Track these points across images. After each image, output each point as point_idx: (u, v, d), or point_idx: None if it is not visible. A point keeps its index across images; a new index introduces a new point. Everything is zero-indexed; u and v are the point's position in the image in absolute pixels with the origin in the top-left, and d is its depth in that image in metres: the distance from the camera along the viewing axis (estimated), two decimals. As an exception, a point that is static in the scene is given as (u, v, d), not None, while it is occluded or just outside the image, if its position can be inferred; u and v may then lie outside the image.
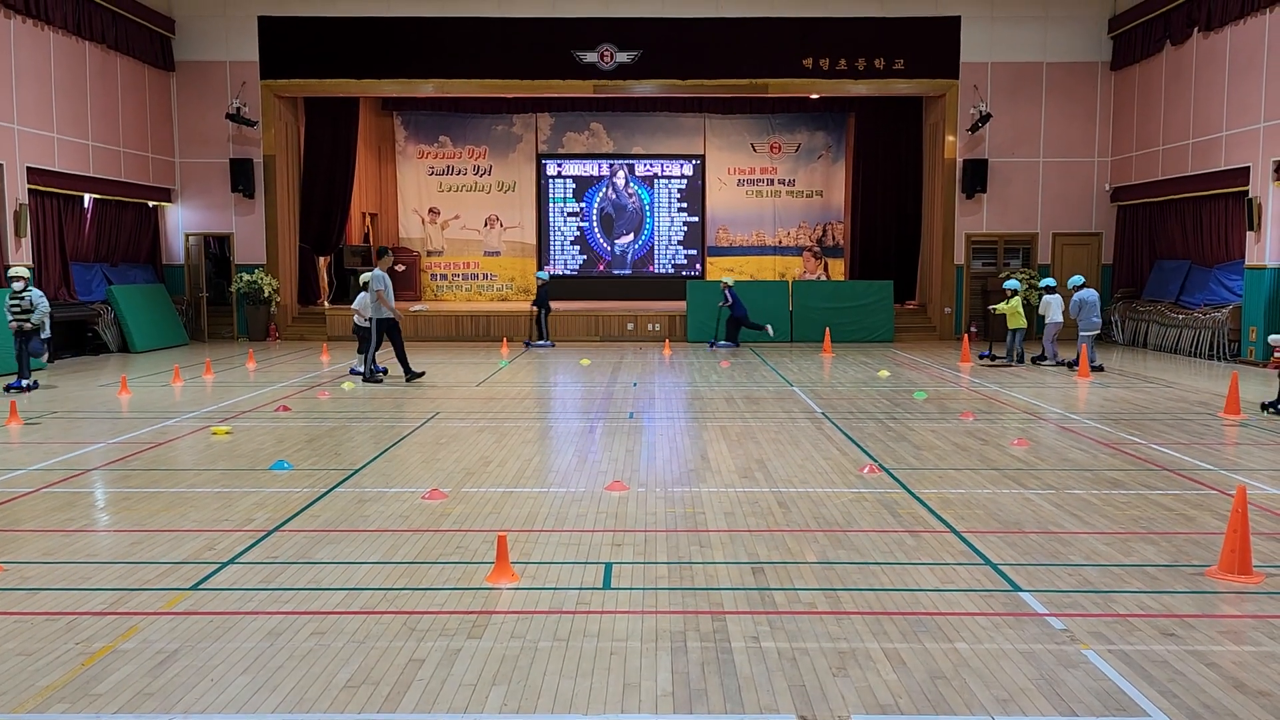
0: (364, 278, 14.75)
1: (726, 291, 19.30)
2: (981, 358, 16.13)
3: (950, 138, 20.74)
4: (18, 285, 12.77)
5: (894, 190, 23.30)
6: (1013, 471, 8.21)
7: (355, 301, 14.51)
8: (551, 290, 20.30)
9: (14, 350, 13.09)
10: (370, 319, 13.61)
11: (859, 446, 9.29)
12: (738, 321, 19.33)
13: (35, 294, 12.88)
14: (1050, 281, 16.05)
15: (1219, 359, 16.48)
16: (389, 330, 13.67)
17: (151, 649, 4.54)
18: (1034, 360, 15.96)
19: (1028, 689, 4.12)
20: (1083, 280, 15.79)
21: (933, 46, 20.35)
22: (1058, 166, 20.83)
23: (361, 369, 14.37)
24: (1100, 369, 15.10)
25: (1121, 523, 6.66)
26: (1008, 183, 20.81)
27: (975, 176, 20.60)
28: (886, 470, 8.24)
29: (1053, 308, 15.76)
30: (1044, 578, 5.52)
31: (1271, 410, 11.02)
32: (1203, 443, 9.50)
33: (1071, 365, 15.26)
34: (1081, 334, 15.37)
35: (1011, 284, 16.28)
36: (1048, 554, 5.96)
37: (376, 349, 13.86)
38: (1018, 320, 15.91)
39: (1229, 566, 5.51)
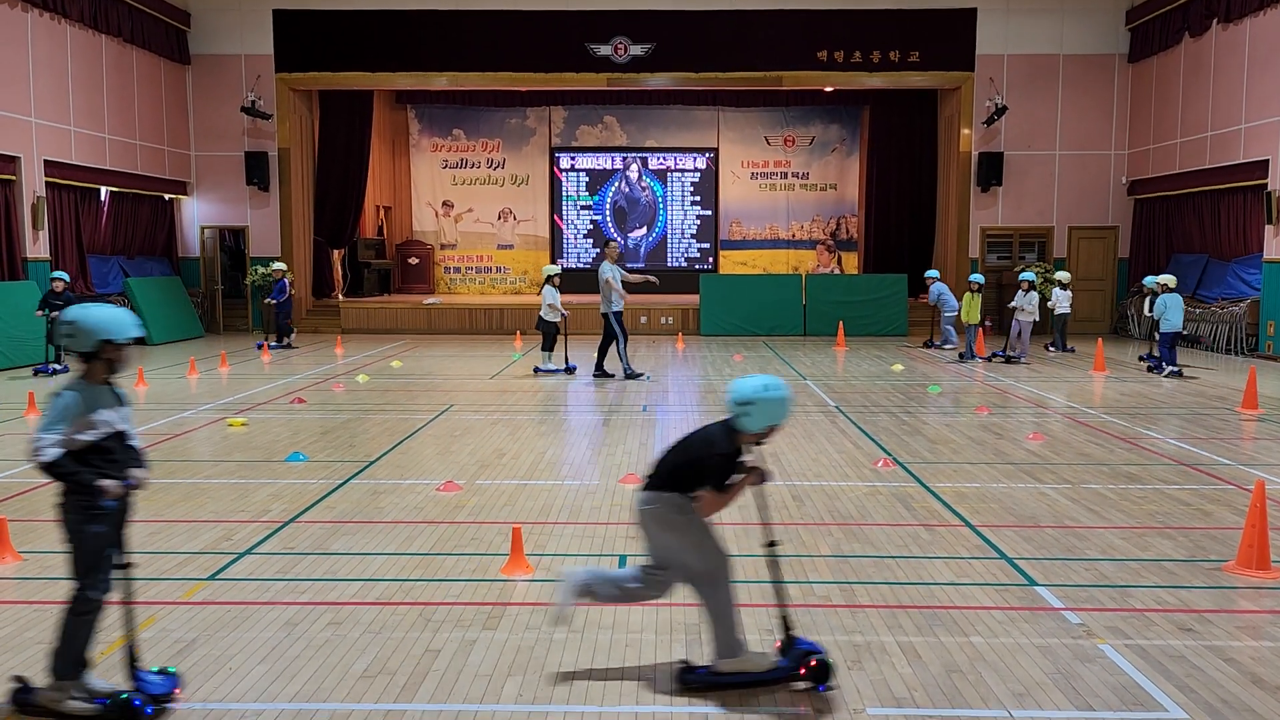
0: (546, 270, 14.47)
1: (284, 280, 17.52)
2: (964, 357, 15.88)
3: (965, 131, 20.64)
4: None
5: (908, 183, 23.19)
6: (1028, 466, 8.18)
7: (544, 296, 14.19)
8: (566, 283, 19.96)
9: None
10: (605, 313, 13.40)
11: (873, 440, 9.27)
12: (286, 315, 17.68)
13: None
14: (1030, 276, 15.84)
15: (1236, 353, 16.36)
16: (619, 322, 13.43)
17: (170, 638, 4.58)
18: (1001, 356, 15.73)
19: (1044, 683, 4.11)
20: (937, 274, 17.29)
21: (948, 39, 20.24)
22: (1074, 159, 20.71)
23: (545, 367, 14.25)
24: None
25: (1138, 517, 6.63)
26: (1023, 176, 20.70)
27: (990, 170, 20.49)
28: (901, 464, 8.22)
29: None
30: (1060, 572, 5.50)
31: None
32: (1220, 437, 9.44)
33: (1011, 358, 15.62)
34: (946, 315, 17.05)
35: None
36: (1064, 548, 5.94)
37: (626, 344, 13.52)
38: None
39: (1247, 562, 5.48)
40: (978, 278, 16.23)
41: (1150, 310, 14.78)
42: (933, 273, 17.85)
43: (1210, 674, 4.21)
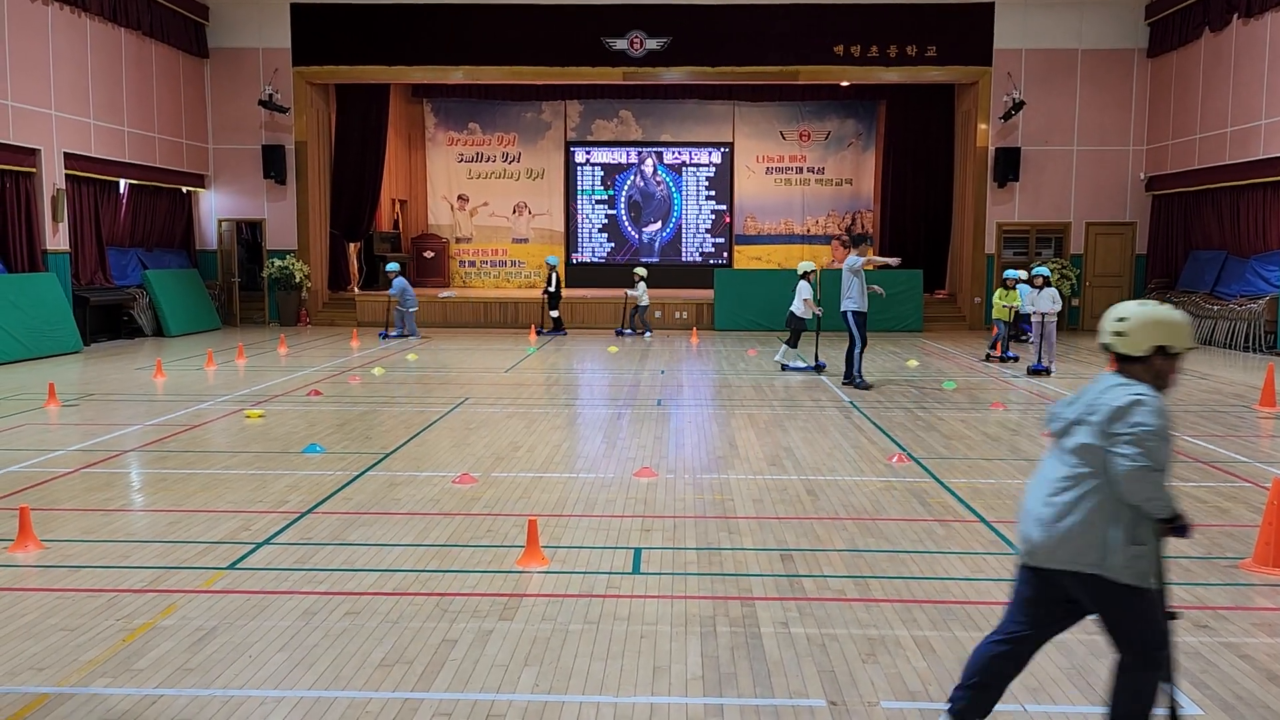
0: (802, 267, 13.98)
1: None
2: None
3: (982, 126, 20.54)
4: None
5: (924, 179, 23.08)
6: (1043, 462, 8.15)
7: (798, 291, 13.73)
8: (580, 277, 20.34)
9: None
10: (845, 313, 12.40)
11: (888, 435, 9.26)
12: None
13: None
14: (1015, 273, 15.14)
15: (1255, 350, 16.25)
16: (859, 324, 12.39)
17: (190, 626, 4.63)
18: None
19: (1058, 678, 4.11)
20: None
21: (965, 33, 20.14)
22: (1092, 155, 20.58)
23: (792, 365, 13.88)
24: None
25: (1154, 514, 6.60)
26: (1040, 171, 20.59)
27: (1007, 165, 20.39)
28: (915, 459, 8.21)
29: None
30: (1075, 568, 5.48)
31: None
32: (1238, 435, 9.39)
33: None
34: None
35: (1041, 270, 15.42)
36: (1079, 544, 5.92)
37: (862, 349, 12.46)
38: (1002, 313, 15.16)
39: (1264, 559, 5.46)
40: (1013, 273, 15.29)
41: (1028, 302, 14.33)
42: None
43: (1226, 670, 4.20)
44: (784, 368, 14.07)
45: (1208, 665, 4.24)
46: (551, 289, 19.30)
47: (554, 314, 19.42)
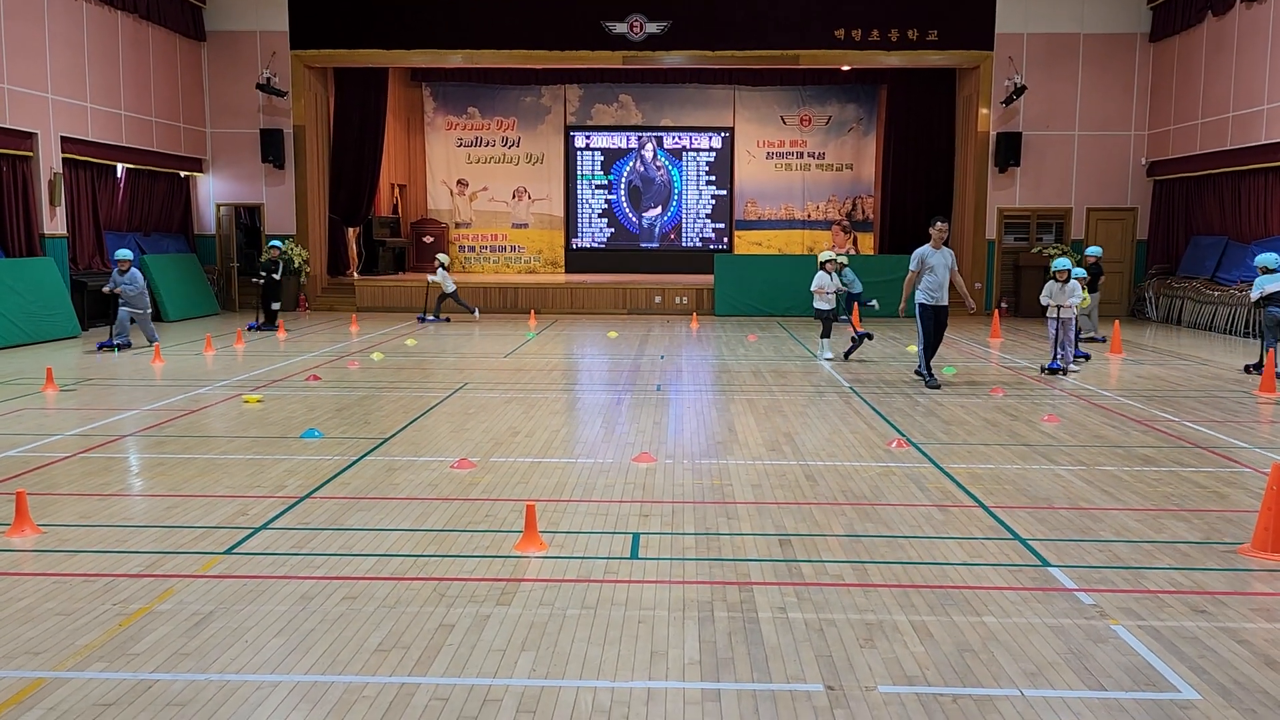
0: (822, 256, 13.20)
1: None
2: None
3: (984, 110, 20.45)
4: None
5: (925, 164, 22.99)
6: (1043, 447, 8.15)
7: (815, 281, 13.03)
8: (580, 263, 20.22)
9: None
10: (919, 305, 11.12)
11: (887, 421, 9.25)
12: None
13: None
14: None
15: (1255, 336, 16.21)
16: (934, 320, 11.03)
17: (187, 610, 4.62)
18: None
19: (1056, 663, 4.11)
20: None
21: (967, 17, 20.02)
22: (1093, 140, 20.50)
23: (834, 355, 13.33)
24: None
25: (1153, 499, 6.60)
26: (1042, 156, 20.51)
27: (1009, 150, 20.31)
28: (915, 445, 8.20)
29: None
30: (1073, 553, 5.49)
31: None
32: (1237, 420, 9.38)
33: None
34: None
35: (1063, 263, 14.16)
36: (1077, 530, 5.92)
37: (929, 348, 11.11)
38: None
39: (1262, 544, 5.46)
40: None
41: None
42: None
43: (1223, 655, 4.20)
44: (847, 356, 13.40)
45: (1205, 650, 4.24)
46: (277, 276, 17.11)
47: (274, 306, 17.09)
